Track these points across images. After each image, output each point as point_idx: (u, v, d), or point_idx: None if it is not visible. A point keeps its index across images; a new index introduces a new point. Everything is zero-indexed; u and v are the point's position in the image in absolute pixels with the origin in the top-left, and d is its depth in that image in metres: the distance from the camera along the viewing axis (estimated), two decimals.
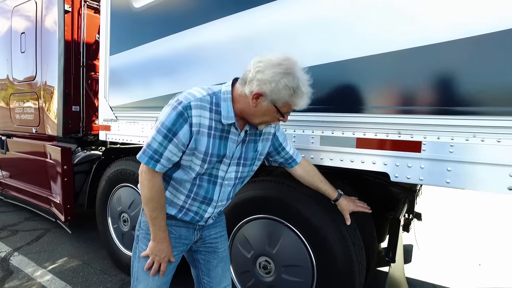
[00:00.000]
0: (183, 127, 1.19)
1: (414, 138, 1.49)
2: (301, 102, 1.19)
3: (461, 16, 1.33)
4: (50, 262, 3.09)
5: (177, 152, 1.24)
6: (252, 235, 2.02)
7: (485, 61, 1.31)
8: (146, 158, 1.23)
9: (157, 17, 2.37)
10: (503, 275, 3.09)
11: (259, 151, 1.42)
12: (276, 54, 1.17)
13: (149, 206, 1.30)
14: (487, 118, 1.33)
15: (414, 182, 1.51)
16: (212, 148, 1.26)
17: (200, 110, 1.20)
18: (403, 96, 1.50)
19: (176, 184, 1.37)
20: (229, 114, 1.24)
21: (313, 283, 1.82)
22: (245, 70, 1.22)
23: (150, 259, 1.37)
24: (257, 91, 1.16)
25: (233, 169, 1.38)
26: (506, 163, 1.31)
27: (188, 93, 1.23)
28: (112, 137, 2.96)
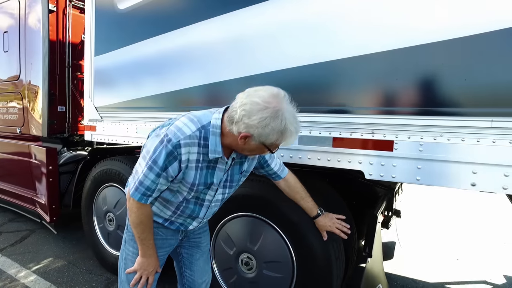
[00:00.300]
0: (172, 164, 1.21)
1: (387, 138, 1.56)
2: (290, 140, 1.19)
3: (433, 20, 1.41)
4: (35, 263, 3.08)
5: (166, 183, 1.28)
6: (234, 233, 2.07)
7: (451, 65, 1.39)
8: (139, 195, 1.26)
9: (142, 18, 2.40)
10: (479, 268, 3.21)
11: (244, 171, 1.45)
12: (262, 94, 1.14)
13: (138, 229, 1.34)
14: (452, 118, 1.41)
15: (387, 179, 1.58)
16: (199, 179, 1.29)
17: (189, 147, 1.21)
18: (377, 98, 1.57)
19: (164, 202, 1.41)
20: (216, 149, 1.23)
21: (293, 278, 1.88)
22: (232, 106, 1.19)
23: (138, 274, 1.41)
24: (245, 134, 1.15)
25: (220, 192, 1.42)
26: (469, 161, 1.39)
27: (178, 129, 1.21)
28: (98, 137, 2.97)
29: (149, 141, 1.33)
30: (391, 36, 1.48)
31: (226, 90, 2.03)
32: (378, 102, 1.57)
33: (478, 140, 1.38)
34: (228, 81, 2.02)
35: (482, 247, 3.76)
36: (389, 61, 1.50)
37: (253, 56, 1.89)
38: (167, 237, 1.51)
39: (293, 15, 1.73)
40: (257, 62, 1.88)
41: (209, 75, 2.10)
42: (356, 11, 1.56)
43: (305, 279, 1.85)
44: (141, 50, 2.44)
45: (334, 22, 1.62)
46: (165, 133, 1.23)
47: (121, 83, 2.68)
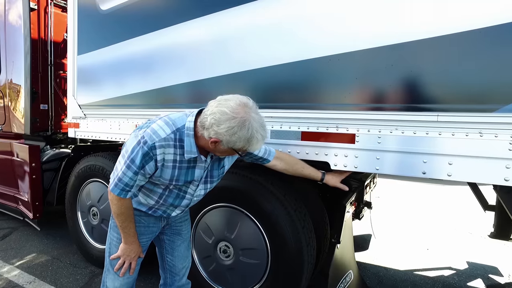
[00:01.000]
0: (149, 163, 1.33)
1: (349, 131, 1.71)
2: (256, 146, 1.28)
3: (383, 28, 1.57)
4: (18, 259, 3.12)
5: (145, 179, 1.40)
6: (213, 223, 2.19)
7: (400, 66, 1.55)
8: (118, 191, 1.37)
9: (123, 19, 2.49)
10: (447, 257, 3.43)
11: (225, 167, 1.57)
12: (231, 104, 1.22)
13: (119, 219, 1.45)
14: (404, 113, 1.57)
15: (350, 169, 1.74)
16: (178, 176, 1.40)
17: (164, 148, 1.31)
18: (340, 95, 1.72)
19: (147, 191, 1.52)
20: (191, 149, 1.33)
21: (268, 263, 2.02)
22: (204, 113, 1.29)
23: (121, 259, 1.52)
24: (214, 139, 1.25)
25: (202, 187, 1.54)
26: (420, 152, 1.56)
27: (153, 132, 1.32)
28: (81, 134, 3.04)
29: (129, 141, 1.43)
30: (350, 40, 1.64)
31: (207, 88, 2.15)
32: (341, 99, 1.72)
33: (427, 133, 1.55)
34: (208, 79, 2.14)
35: (451, 237, 4.00)
36: (348, 62, 1.65)
37: (230, 56, 2.02)
38: (149, 224, 1.62)
39: (263, 20, 1.86)
40: (235, 61, 2.01)
41: (190, 73, 2.22)
42: (321, 16, 1.71)
43: (278, 264, 1.99)
44: (123, 50, 2.53)
45: (301, 26, 1.76)
46: (142, 135, 1.33)
47: (104, 81, 2.76)
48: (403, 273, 3.08)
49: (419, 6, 1.49)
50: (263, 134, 1.27)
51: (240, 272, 2.12)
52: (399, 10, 1.53)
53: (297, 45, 1.78)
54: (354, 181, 2.60)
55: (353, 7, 1.64)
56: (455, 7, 1.43)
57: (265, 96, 1.94)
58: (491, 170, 1.44)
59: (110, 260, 1.57)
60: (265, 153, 1.69)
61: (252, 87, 1.96)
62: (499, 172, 1.42)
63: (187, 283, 1.85)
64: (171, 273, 1.79)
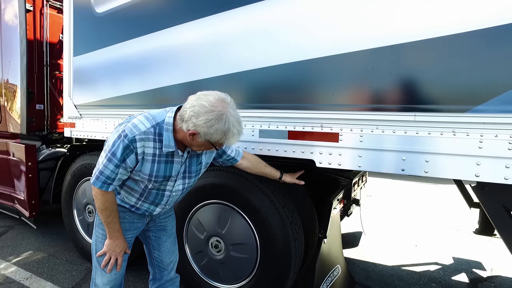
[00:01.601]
0: (130, 156, 1.38)
1: (333, 130, 1.80)
2: (232, 140, 1.35)
3: (364, 32, 1.66)
4: (14, 256, 3.18)
5: (126, 173, 1.45)
6: (205, 219, 2.27)
7: (383, 69, 1.64)
8: (99, 183, 1.41)
9: (118, 22, 2.56)
10: (434, 252, 3.53)
11: (203, 163, 1.64)
12: (210, 98, 1.29)
13: (104, 214, 1.49)
14: (384, 113, 1.66)
15: (334, 167, 1.82)
16: (157, 171, 1.46)
17: (144, 142, 1.38)
18: (325, 96, 1.81)
19: (128, 189, 1.58)
20: (170, 143, 1.40)
21: (257, 257, 2.11)
22: (184, 107, 1.36)
23: (107, 255, 1.57)
24: (192, 131, 1.31)
25: (180, 183, 1.59)
26: (399, 149, 1.65)
27: (134, 126, 1.38)
28: (77, 134, 3.10)
29: (110, 136, 1.48)
30: (333, 44, 1.73)
31: (200, 88, 2.22)
32: (326, 100, 1.81)
33: (406, 132, 1.64)
34: (201, 80, 2.22)
35: (439, 234, 4.11)
36: (332, 65, 1.74)
37: (220, 58, 2.10)
38: (134, 220, 1.68)
39: (252, 24, 1.95)
40: (225, 63, 2.09)
41: (183, 75, 2.29)
42: (307, 21, 1.80)
43: (267, 258, 2.07)
44: (118, 52, 2.60)
45: (286, 30, 1.85)
46: (122, 129, 1.40)
47: (100, 82, 2.83)
48: (391, 268, 3.17)
49: (396, 14, 1.58)
50: (239, 129, 1.34)
51: (231, 266, 2.20)
52: (377, 17, 1.62)
53: (283, 48, 1.86)
54: (342, 179, 2.70)
55: (337, 13, 1.72)
56: (430, 14, 1.52)
57: (253, 97, 2.02)
58: (463, 167, 1.53)
59: (97, 258, 1.62)
60: (235, 154, 1.78)
61: (241, 88, 2.04)
62: (471, 168, 1.52)
63: (175, 277, 1.91)
64: (159, 268, 1.85)
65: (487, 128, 1.48)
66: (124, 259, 1.65)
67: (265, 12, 1.91)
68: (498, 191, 1.64)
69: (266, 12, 1.91)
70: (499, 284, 2.88)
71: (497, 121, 1.45)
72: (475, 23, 1.44)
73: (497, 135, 1.46)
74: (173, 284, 1.90)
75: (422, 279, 2.96)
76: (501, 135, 1.45)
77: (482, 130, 1.49)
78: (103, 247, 1.58)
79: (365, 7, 1.66)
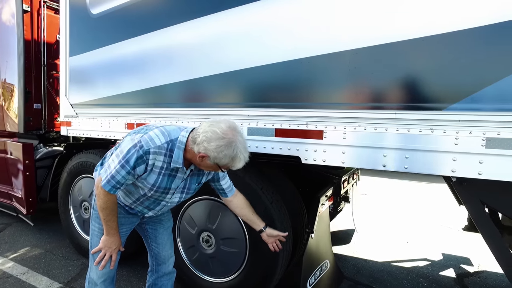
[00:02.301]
0: (140, 166, 1.48)
1: (318, 128, 1.87)
2: (238, 165, 1.46)
3: (345, 33, 1.73)
4: (12, 252, 3.24)
5: (133, 179, 1.55)
6: (196, 214, 2.34)
7: (365, 68, 1.71)
8: (109, 187, 1.50)
9: (113, 23, 2.63)
10: (425, 249, 3.61)
11: (201, 182, 1.73)
12: (222, 126, 1.41)
13: (104, 212, 1.57)
14: (366, 111, 1.73)
15: (319, 163, 1.89)
16: (160, 183, 1.56)
17: (156, 155, 1.48)
18: (309, 95, 1.87)
19: (128, 192, 1.67)
20: (178, 160, 1.50)
21: (247, 252, 2.17)
22: (197, 130, 1.47)
23: (102, 251, 1.64)
24: (203, 154, 1.42)
25: (177, 196, 1.69)
26: (380, 146, 1.72)
27: (150, 139, 1.48)
28: (73, 132, 3.17)
29: (124, 143, 1.57)
30: (316, 45, 1.80)
31: (190, 88, 2.30)
32: (310, 98, 1.87)
33: (386, 129, 1.71)
34: (191, 80, 2.28)
35: (430, 232, 4.18)
36: (316, 65, 1.81)
37: (210, 59, 2.17)
38: (129, 215, 1.77)
39: (239, 27, 2.02)
40: (214, 63, 2.15)
41: (175, 75, 2.36)
42: (291, 22, 1.87)
43: (256, 252, 2.14)
44: (113, 52, 2.67)
45: (272, 32, 1.92)
46: (139, 139, 1.49)
47: (95, 82, 2.89)
48: (381, 264, 3.24)
49: (377, 17, 1.65)
50: (245, 156, 1.46)
51: (222, 260, 2.27)
52: (358, 19, 1.69)
53: (270, 49, 1.93)
54: (332, 176, 2.77)
55: (318, 15, 1.79)
56: (408, 17, 1.59)
57: (242, 96, 2.09)
58: (441, 163, 1.60)
59: (92, 255, 1.70)
60: (228, 188, 1.83)
61: (230, 88, 2.11)
62: (447, 164, 1.59)
63: (172, 272, 1.99)
64: (156, 261, 1.93)
65: (462, 126, 1.54)
66: (119, 255, 1.72)
67: (251, 15, 1.97)
68: (476, 186, 1.71)
69: (251, 15, 1.97)
70: (484, 279, 2.95)
71: (471, 118, 1.52)
72: (448, 26, 1.51)
73: (471, 132, 1.53)
74: (170, 279, 1.98)
75: (410, 274, 3.03)
76: (475, 132, 1.52)
77: (458, 127, 1.56)
78: (99, 242, 1.65)
79: (346, 11, 1.73)
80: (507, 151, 1.46)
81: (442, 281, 2.92)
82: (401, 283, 2.88)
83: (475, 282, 2.92)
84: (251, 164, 1.94)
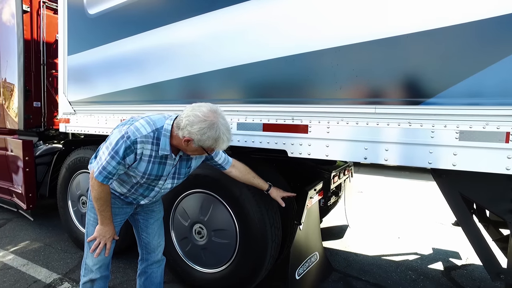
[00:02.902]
0: (129, 156, 1.56)
1: (303, 122, 1.95)
2: (222, 146, 1.52)
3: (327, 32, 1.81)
4: (12, 245, 3.34)
5: (124, 169, 1.63)
6: (189, 207, 2.42)
7: (347, 65, 1.79)
8: (101, 178, 1.58)
9: (109, 23, 2.72)
10: (415, 244, 3.68)
11: (192, 167, 1.82)
12: (203, 109, 1.48)
13: (98, 203, 1.66)
14: (348, 106, 1.81)
15: (305, 156, 1.97)
16: (151, 170, 1.64)
17: (143, 144, 1.55)
18: (295, 91, 1.96)
19: (122, 182, 1.76)
20: (165, 147, 1.58)
21: (237, 242, 2.25)
22: (180, 116, 1.54)
23: (97, 240, 1.73)
24: (187, 138, 1.50)
25: (169, 182, 1.78)
26: (361, 139, 1.80)
27: (136, 129, 1.56)
28: (71, 129, 3.26)
29: (113, 135, 1.66)
30: (301, 42, 1.88)
31: (184, 85, 2.39)
32: (296, 94, 1.96)
33: (367, 123, 1.79)
34: (184, 77, 2.37)
35: (423, 228, 4.25)
36: (301, 62, 1.89)
37: (200, 58, 2.25)
38: (123, 206, 1.85)
39: (229, 26, 2.11)
40: (205, 62, 2.24)
41: (169, 72, 2.45)
42: (279, 21, 1.95)
43: (246, 242, 2.22)
44: (109, 51, 2.75)
45: (260, 30, 2.00)
46: (126, 131, 1.58)
47: (92, 79, 2.98)
48: (371, 258, 3.32)
49: (358, 15, 1.74)
50: (228, 137, 1.52)
51: (213, 251, 2.35)
52: (340, 18, 1.78)
53: (258, 47, 2.02)
54: (323, 171, 2.84)
55: (301, 15, 1.88)
56: (386, 16, 1.67)
57: (231, 93, 2.17)
58: (418, 155, 1.68)
59: (87, 243, 1.79)
60: (224, 161, 1.91)
61: (221, 85, 2.20)
62: (424, 156, 1.67)
63: (162, 259, 2.07)
64: (146, 249, 2.01)
65: (437, 119, 1.63)
66: (114, 243, 1.80)
67: (242, 15, 2.06)
68: (455, 178, 1.79)
69: (242, 15, 2.06)
70: (471, 271, 3.03)
71: (446, 112, 1.60)
72: (423, 25, 1.59)
73: (446, 125, 1.61)
74: (160, 266, 2.06)
75: (399, 267, 3.10)
76: (449, 125, 1.60)
77: (434, 121, 1.64)
78: (94, 231, 1.73)
79: (328, 10, 1.81)
80: (478, 143, 1.54)
81: (430, 273, 3.00)
82: (390, 275, 2.96)
83: (462, 274, 2.99)
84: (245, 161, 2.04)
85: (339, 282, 2.83)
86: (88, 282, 1.80)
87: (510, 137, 1.48)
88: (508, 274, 1.76)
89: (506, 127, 1.49)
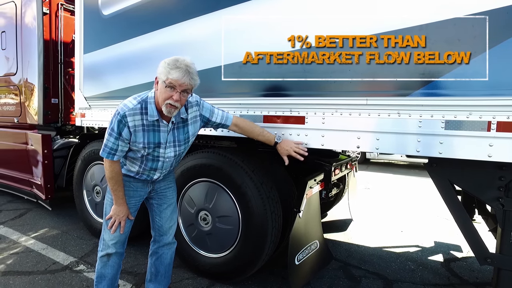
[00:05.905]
0: (124, 129, 1.73)
1: (300, 114, 2.08)
2: (174, 74, 1.63)
3: None
4: (33, 232, 3.58)
5: (125, 145, 1.80)
6: (195, 195, 2.57)
7: (339, 62, 1.91)
8: (105, 154, 1.78)
9: (122, 23, 2.90)
10: (418, 237, 3.74)
11: (189, 133, 1.96)
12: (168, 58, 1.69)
13: (111, 182, 1.86)
14: (342, 98, 1.93)
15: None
16: (148, 138, 1.81)
17: (133, 116, 1.73)
18: (291, 86, 2.08)
19: (131, 159, 1.93)
20: (153, 113, 1.76)
21: (240, 228, 2.39)
22: None
23: (113, 218, 1.92)
24: (156, 80, 1.73)
25: (171, 150, 1.92)
26: (354, 129, 1.91)
27: (124, 105, 1.74)
28: (87, 123, 3.46)
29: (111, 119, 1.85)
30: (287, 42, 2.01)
31: None
32: (292, 88, 2.08)
33: (360, 114, 1.90)
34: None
35: (426, 222, 4.31)
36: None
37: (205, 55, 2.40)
38: (137, 189, 2.02)
39: (226, 26, 2.25)
40: (206, 60, 2.39)
41: None
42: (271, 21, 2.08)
43: (247, 228, 2.35)
44: (123, 48, 2.93)
45: (251, 30, 2.13)
46: (116, 109, 1.77)
47: (106, 76, 3.17)
48: (373, 249, 3.41)
49: (344, 15, 1.85)
50: (183, 65, 1.65)
51: (217, 237, 2.50)
52: (332, 17, 1.89)
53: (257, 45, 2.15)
54: (324, 163, 2.95)
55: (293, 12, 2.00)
56: (377, 12, 1.78)
57: (233, 88, 2.31)
58: (407, 144, 1.79)
59: (105, 221, 1.97)
60: (222, 119, 2.03)
61: (224, 80, 2.34)
62: (413, 145, 1.77)
63: (173, 242, 2.21)
64: (159, 232, 2.16)
65: (424, 110, 1.73)
66: (129, 225, 1.99)
67: (237, 15, 2.20)
68: (445, 167, 1.89)
69: (236, 15, 2.20)
70: (470, 263, 3.09)
71: (432, 103, 1.70)
72: (408, 22, 1.70)
73: (433, 115, 1.71)
74: (170, 248, 2.21)
75: (399, 258, 3.19)
76: (436, 115, 1.70)
77: (421, 111, 1.74)
78: (110, 211, 1.93)
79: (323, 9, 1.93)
80: (462, 132, 1.64)
81: (429, 264, 3.07)
82: (389, 265, 3.04)
83: (461, 266, 3.05)
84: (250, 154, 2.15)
85: (339, 270, 2.94)
86: (105, 256, 1.99)
87: (491, 126, 1.57)
88: (495, 258, 1.84)
89: (487, 116, 1.58)
